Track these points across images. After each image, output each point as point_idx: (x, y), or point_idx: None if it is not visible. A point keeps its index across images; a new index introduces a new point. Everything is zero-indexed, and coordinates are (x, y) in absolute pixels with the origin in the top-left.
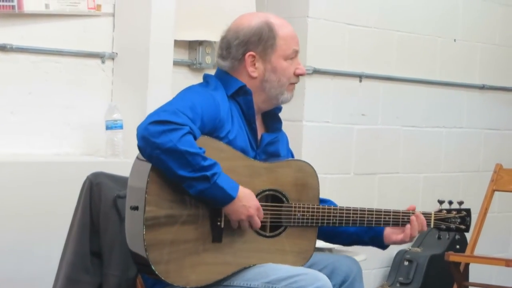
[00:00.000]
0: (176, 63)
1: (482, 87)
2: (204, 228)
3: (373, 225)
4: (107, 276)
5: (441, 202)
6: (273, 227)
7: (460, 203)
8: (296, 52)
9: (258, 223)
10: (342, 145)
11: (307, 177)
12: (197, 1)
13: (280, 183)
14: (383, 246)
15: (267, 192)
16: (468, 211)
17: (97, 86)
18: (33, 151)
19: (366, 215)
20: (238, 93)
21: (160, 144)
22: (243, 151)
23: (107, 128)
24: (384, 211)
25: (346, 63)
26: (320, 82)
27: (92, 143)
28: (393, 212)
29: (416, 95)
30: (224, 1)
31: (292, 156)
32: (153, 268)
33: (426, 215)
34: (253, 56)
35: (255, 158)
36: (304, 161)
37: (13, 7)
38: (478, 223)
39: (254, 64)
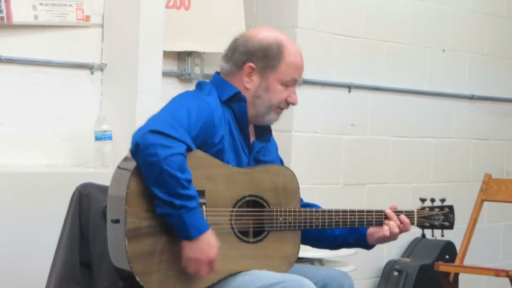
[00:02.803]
0: (165, 74)
1: (471, 97)
2: None
3: (356, 226)
4: (96, 287)
5: (423, 200)
6: (256, 232)
7: (443, 200)
8: (295, 81)
9: (201, 273)
10: (331, 156)
11: (287, 181)
12: (186, 12)
13: (259, 189)
14: (367, 246)
15: (248, 198)
16: (450, 207)
17: (86, 97)
18: (22, 162)
19: (348, 216)
20: (232, 100)
21: (146, 155)
22: (237, 156)
23: (96, 139)
24: (367, 211)
25: (335, 74)
26: (309, 92)
27: (81, 154)
28: (376, 211)
29: (405, 105)
30: (213, 12)
31: (282, 163)
32: (138, 279)
33: (409, 213)
34: (252, 68)
35: (248, 163)
36: (283, 166)
37: (2, 18)
38: (467, 233)
39: (251, 76)
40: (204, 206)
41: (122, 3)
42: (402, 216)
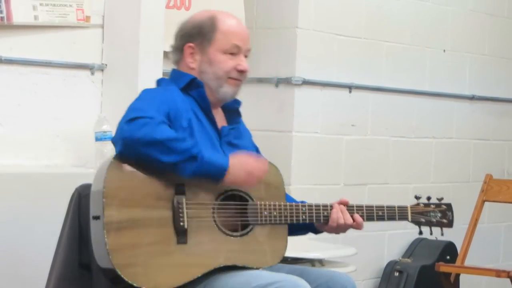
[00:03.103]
0: (166, 74)
1: (472, 98)
2: (168, 230)
3: None
4: None
5: (418, 197)
6: (243, 227)
7: (440, 199)
8: (237, 48)
9: (261, 175)
10: (332, 156)
11: (270, 176)
12: (186, 13)
13: None
14: (315, 230)
15: (230, 192)
16: (448, 205)
17: (87, 97)
18: (22, 163)
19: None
20: (190, 87)
21: (138, 139)
22: (210, 142)
23: (97, 139)
24: (356, 206)
25: (336, 74)
26: (309, 92)
27: (82, 155)
28: (366, 206)
29: (405, 105)
30: None
31: (257, 151)
32: (119, 272)
33: (402, 209)
34: (192, 48)
35: (221, 147)
36: (266, 161)
37: (2, 18)
38: (468, 233)
39: (194, 56)
40: (184, 199)
41: (123, 3)
42: (356, 215)
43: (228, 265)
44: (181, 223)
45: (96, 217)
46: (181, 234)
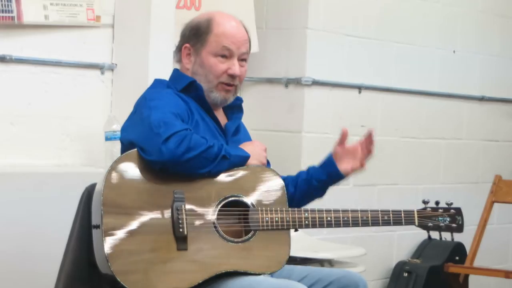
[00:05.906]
0: None
1: (481, 99)
2: (168, 237)
3: (351, 226)
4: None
5: (425, 202)
6: (246, 233)
7: (449, 204)
8: (228, 50)
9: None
10: None
11: (270, 180)
12: (196, 13)
13: (242, 189)
14: (341, 176)
15: (231, 198)
16: (458, 210)
17: (97, 97)
18: (32, 162)
19: (341, 215)
20: (189, 90)
21: (179, 161)
22: (216, 139)
23: (106, 139)
24: (361, 211)
25: (345, 74)
26: (319, 93)
27: (91, 154)
28: (371, 211)
29: (415, 106)
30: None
31: None
32: (118, 279)
33: (408, 213)
34: (188, 48)
35: (227, 144)
36: (266, 167)
37: (12, 18)
38: (477, 234)
39: (190, 57)
40: (183, 206)
41: (133, 3)
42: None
43: (229, 271)
44: (181, 230)
45: (96, 226)
46: (181, 241)
